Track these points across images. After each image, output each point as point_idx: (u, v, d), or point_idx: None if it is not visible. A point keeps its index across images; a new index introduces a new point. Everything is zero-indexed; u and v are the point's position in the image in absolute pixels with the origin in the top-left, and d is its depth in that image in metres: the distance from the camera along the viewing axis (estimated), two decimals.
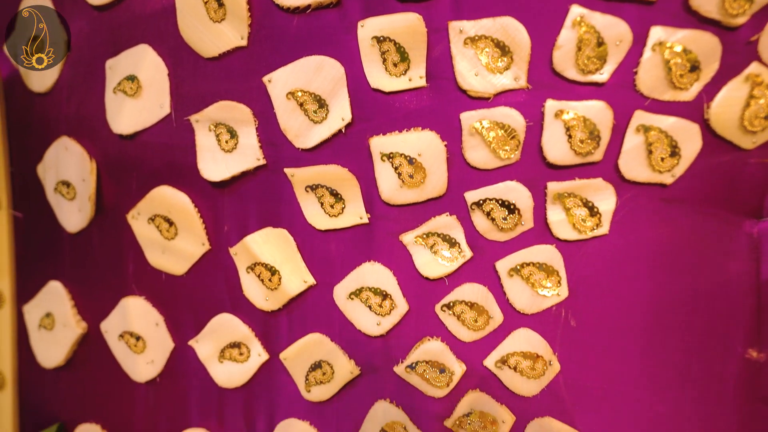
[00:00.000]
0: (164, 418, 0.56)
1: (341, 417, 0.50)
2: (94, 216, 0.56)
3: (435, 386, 0.45)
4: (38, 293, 0.61)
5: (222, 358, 0.53)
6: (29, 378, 0.63)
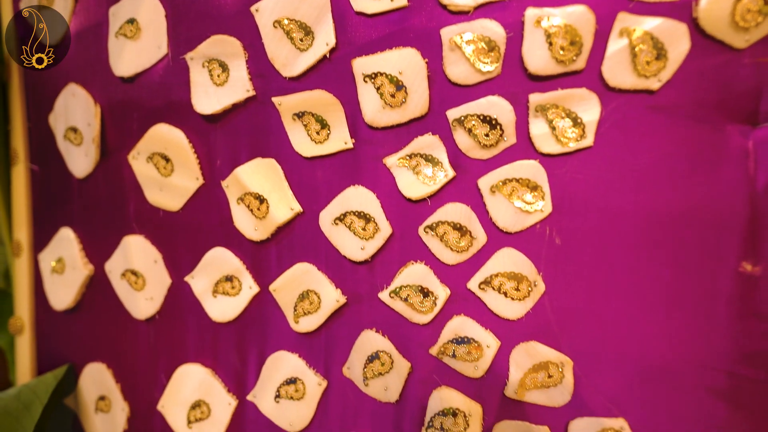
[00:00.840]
0: (163, 354, 0.58)
1: (329, 348, 0.50)
2: (99, 159, 0.59)
3: (419, 311, 0.45)
4: (51, 240, 0.64)
5: (215, 292, 0.54)
6: (43, 323, 0.66)
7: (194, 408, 0.57)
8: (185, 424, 0.57)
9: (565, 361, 0.41)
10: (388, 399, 0.47)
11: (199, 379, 0.56)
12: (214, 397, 0.56)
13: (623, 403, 0.40)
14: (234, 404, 0.55)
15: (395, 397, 0.47)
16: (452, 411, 0.45)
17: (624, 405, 0.40)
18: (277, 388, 0.52)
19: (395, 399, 0.47)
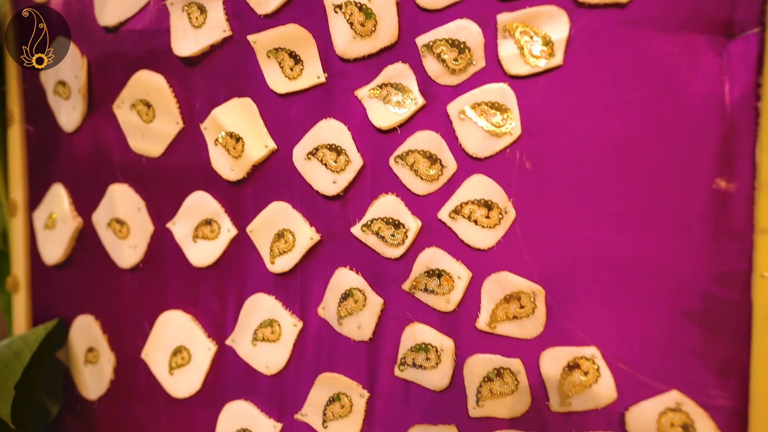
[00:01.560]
0: (147, 303, 0.59)
1: (304, 289, 0.50)
2: (87, 112, 0.60)
3: (391, 245, 0.45)
4: (44, 198, 0.65)
5: (195, 237, 0.55)
6: (38, 281, 0.67)
7: (175, 354, 0.57)
8: (167, 370, 0.57)
9: (537, 291, 0.41)
10: (361, 338, 0.47)
11: (180, 325, 0.57)
12: (194, 342, 0.56)
13: (595, 330, 0.39)
14: (213, 349, 0.55)
15: (368, 335, 0.47)
16: (424, 346, 0.44)
17: (596, 333, 0.39)
18: (254, 331, 0.52)
19: (368, 337, 0.47)
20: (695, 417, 0.37)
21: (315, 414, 0.50)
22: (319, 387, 0.50)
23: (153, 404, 0.60)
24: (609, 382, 0.39)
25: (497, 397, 0.42)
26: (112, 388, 0.62)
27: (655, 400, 0.38)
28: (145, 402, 0.60)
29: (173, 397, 0.57)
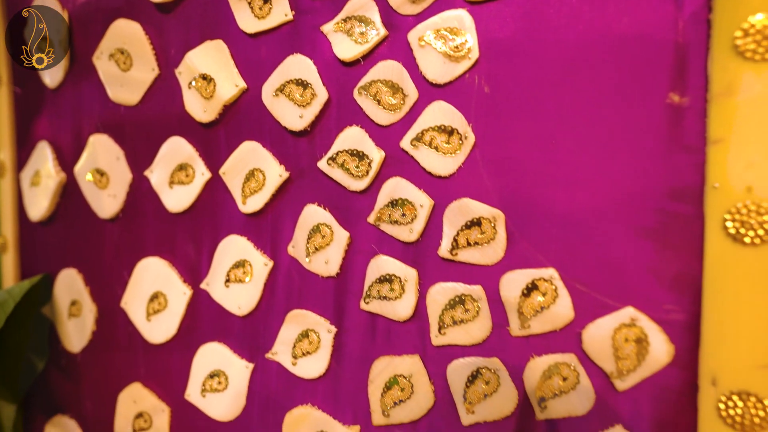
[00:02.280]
0: (126, 252, 0.60)
1: (275, 228, 0.51)
2: (69, 67, 0.61)
3: (355, 177, 0.45)
4: (30, 157, 0.67)
5: (171, 183, 0.56)
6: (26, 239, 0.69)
7: (152, 300, 0.58)
8: (144, 317, 0.58)
9: (497, 216, 0.41)
10: (329, 273, 0.48)
11: (157, 272, 0.58)
12: (170, 288, 0.57)
13: (553, 252, 0.39)
14: (189, 294, 0.56)
15: (335, 270, 0.47)
16: (388, 277, 0.45)
17: (554, 254, 0.39)
18: (226, 273, 0.53)
19: (336, 272, 0.47)
20: (649, 331, 0.37)
21: (285, 352, 0.50)
22: (289, 325, 0.50)
23: (132, 352, 0.61)
24: (566, 302, 0.39)
25: (459, 324, 0.42)
26: (94, 339, 0.64)
27: (611, 317, 0.38)
28: (124, 350, 0.61)
29: (151, 343, 0.58)
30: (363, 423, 0.47)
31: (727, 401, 0.35)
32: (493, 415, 0.41)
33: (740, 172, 0.34)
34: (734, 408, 0.34)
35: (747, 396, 0.34)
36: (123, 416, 0.61)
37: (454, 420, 0.43)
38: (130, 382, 0.60)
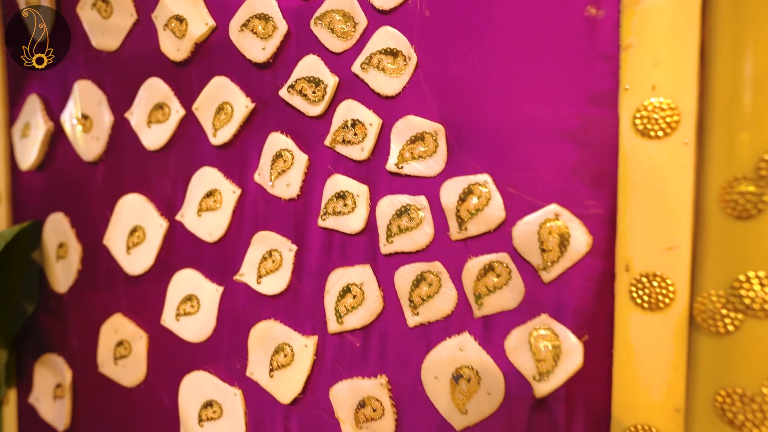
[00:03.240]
0: (109, 192, 0.64)
1: (243, 158, 0.55)
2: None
3: (312, 102, 0.49)
4: (21, 112, 0.71)
5: (149, 122, 0.60)
6: (19, 191, 0.73)
7: (132, 234, 0.62)
8: (125, 250, 0.62)
9: (438, 129, 0.44)
10: (290, 195, 0.51)
11: (136, 206, 0.62)
12: (148, 221, 0.61)
13: (487, 159, 0.43)
14: (165, 225, 0.60)
15: (296, 192, 0.51)
16: (342, 194, 0.48)
17: (488, 161, 0.43)
18: (198, 202, 0.57)
19: (296, 194, 0.51)
20: (570, 224, 0.40)
21: (251, 273, 0.54)
22: (254, 246, 0.54)
23: (113, 286, 0.65)
24: (499, 204, 0.42)
25: (404, 232, 0.46)
26: (79, 278, 0.68)
27: (537, 214, 0.41)
28: (106, 286, 0.65)
29: (130, 275, 0.62)
30: (320, 333, 0.50)
31: (637, 284, 0.38)
32: (435, 315, 0.45)
33: (647, 73, 0.37)
34: (643, 289, 0.38)
35: (654, 276, 0.37)
36: (105, 346, 0.65)
37: (401, 323, 0.46)
38: (112, 314, 0.64)
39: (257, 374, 0.54)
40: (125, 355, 0.64)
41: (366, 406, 0.48)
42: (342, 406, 0.49)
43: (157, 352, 0.61)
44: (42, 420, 0.72)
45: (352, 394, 0.48)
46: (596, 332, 0.40)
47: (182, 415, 0.59)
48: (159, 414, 0.61)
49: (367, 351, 0.48)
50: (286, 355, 0.52)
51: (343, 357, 0.49)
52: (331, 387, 0.49)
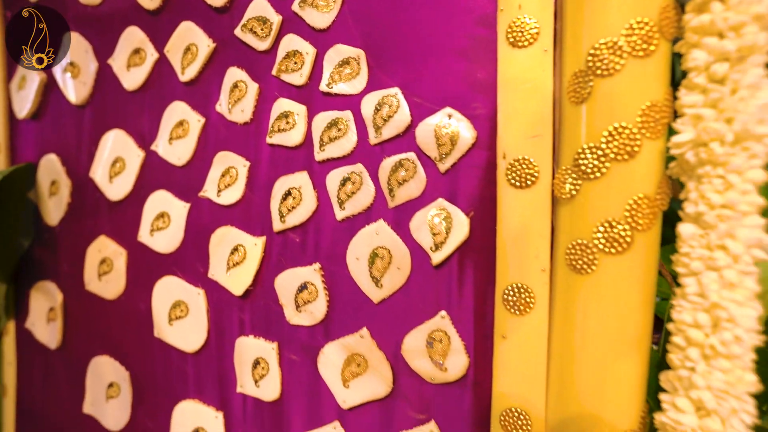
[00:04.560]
0: (95, 132, 0.74)
1: (206, 91, 0.65)
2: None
3: (261, 38, 0.58)
4: (18, 68, 0.81)
5: (128, 66, 0.69)
6: (15, 138, 0.83)
7: (113, 165, 0.72)
8: (107, 180, 0.72)
9: (360, 54, 0.54)
10: (244, 120, 0.61)
11: (117, 140, 0.72)
12: (128, 152, 0.71)
13: (399, 76, 0.52)
14: (142, 155, 0.70)
15: (249, 116, 0.61)
16: (285, 113, 0.58)
17: (399, 77, 0.52)
18: (169, 132, 0.66)
19: (249, 118, 0.61)
20: (460, 123, 0.49)
21: (212, 189, 0.63)
22: (215, 166, 0.63)
23: (98, 213, 0.74)
24: (406, 111, 0.51)
25: (333, 141, 0.55)
26: (69, 210, 0.78)
27: (435, 116, 0.50)
28: (92, 213, 0.75)
29: (112, 201, 0.72)
30: (268, 233, 0.60)
31: (511, 167, 0.47)
32: (358, 208, 0.54)
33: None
34: (516, 171, 0.46)
35: (523, 160, 0.46)
36: (90, 265, 0.75)
37: (331, 218, 0.55)
38: (97, 237, 0.74)
39: (217, 274, 0.63)
40: (108, 271, 0.73)
41: (303, 291, 0.57)
42: (284, 292, 0.58)
43: (134, 266, 0.71)
44: (37, 342, 0.81)
45: (292, 281, 0.57)
46: (482, 210, 0.49)
47: (155, 317, 0.68)
48: (136, 320, 0.71)
49: (305, 244, 0.57)
50: (240, 254, 0.61)
51: (286, 251, 0.58)
52: (276, 277, 0.58)
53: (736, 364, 0.38)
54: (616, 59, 0.41)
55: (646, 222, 0.42)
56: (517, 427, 0.49)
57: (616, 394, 0.44)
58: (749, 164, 0.37)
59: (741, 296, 0.37)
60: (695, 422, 0.39)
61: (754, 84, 0.36)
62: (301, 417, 0.61)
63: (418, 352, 0.52)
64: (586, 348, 0.45)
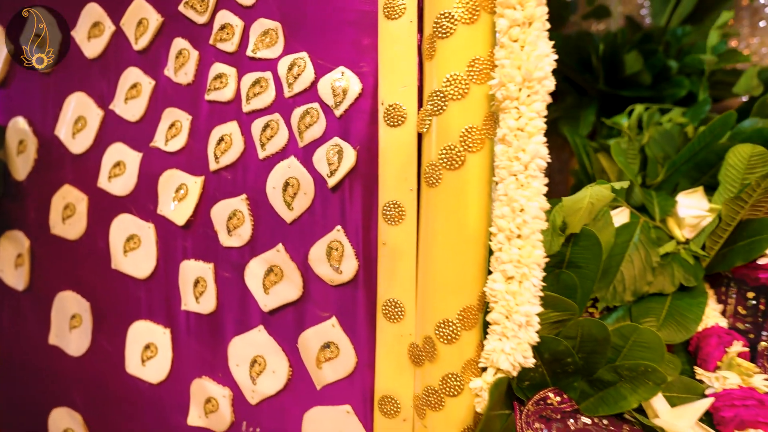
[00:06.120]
0: (60, 95, 0.86)
1: (156, 58, 0.79)
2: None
3: (200, 13, 0.74)
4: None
5: (89, 38, 0.83)
6: None
7: (76, 123, 0.85)
8: (71, 136, 0.85)
9: (278, 26, 0.70)
10: (188, 81, 0.76)
11: (79, 102, 0.86)
12: (88, 111, 0.84)
13: (307, 43, 0.68)
14: (101, 114, 0.84)
15: (191, 78, 0.76)
16: (220, 75, 0.72)
17: (307, 44, 0.68)
18: (125, 93, 0.80)
19: (191, 79, 0.76)
20: (350, 79, 0.64)
21: (161, 140, 0.78)
22: (164, 120, 0.79)
23: (62, 166, 0.87)
24: (311, 70, 0.67)
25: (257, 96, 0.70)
26: (36, 165, 0.90)
27: (332, 73, 0.66)
28: (57, 167, 0.88)
29: (75, 154, 0.84)
30: (206, 173, 0.73)
31: (387, 112, 0.62)
32: (275, 149, 0.69)
33: None
34: (391, 115, 0.62)
35: (396, 106, 0.61)
36: (55, 211, 0.87)
37: (255, 158, 0.70)
38: (61, 186, 0.85)
39: (164, 210, 0.76)
40: (71, 215, 0.85)
41: (233, 218, 0.70)
42: (218, 220, 0.72)
43: (94, 209, 0.83)
44: (6, 286, 0.92)
45: (224, 210, 0.72)
46: (367, 144, 0.64)
47: (112, 251, 0.81)
48: (96, 258, 0.83)
49: (235, 180, 0.71)
50: (183, 191, 0.74)
51: (220, 186, 0.72)
52: (211, 208, 0.72)
53: (527, 242, 0.53)
54: (450, 25, 0.56)
55: (476, 145, 0.57)
56: (394, 314, 0.63)
57: (461, 277, 0.60)
58: (532, 99, 0.52)
59: (530, 193, 0.53)
60: (503, 287, 0.55)
61: (534, 41, 0.51)
62: (233, 324, 0.74)
63: (321, 260, 0.67)
64: (438, 245, 0.60)
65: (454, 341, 0.60)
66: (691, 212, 0.77)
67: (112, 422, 0.86)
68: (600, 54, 1.28)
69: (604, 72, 1.27)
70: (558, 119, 1.36)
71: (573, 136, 1.19)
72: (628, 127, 1.11)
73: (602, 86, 1.26)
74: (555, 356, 0.62)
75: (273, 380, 0.72)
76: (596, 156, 1.03)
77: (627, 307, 0.74)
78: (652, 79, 1.27)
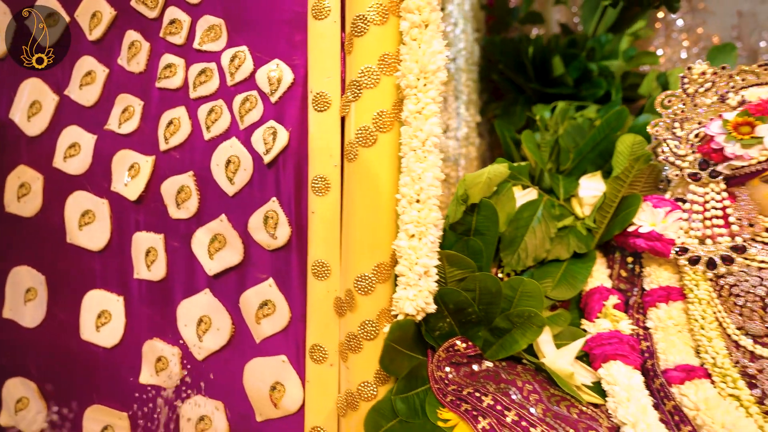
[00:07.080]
0: (14, 81, 0.93)
1: (110, 48, 0.88)
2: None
3: (151, 9, 0.83)
4: None
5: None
6: None
7: (31, 107, 0.93)
8: (26, 119, 0.93)
9: (222, 23, 0.80)
10: (140, 70, 0.85)
11: (33, 87, 0.93)
12: (43, 96, 0.93)
13: (247, 38, 0.78)
14: (57, 99, 0.92)
15: (143, 67, 0.85)
16: (170, 65, 0.81)
17: (247, 39, 0.78)
18: (80, 80, 0.88)
19: (143, 68, 0.85)
20: (284, 70, 0.76)
21: (114, 123, 0.87)
22: (117, 105, 0.89)
23: (18, 149, 0.94)
24: (250, 61, 0.78)
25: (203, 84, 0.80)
26: None
27: (268, 65, 0.77)
28: (13, 149, 0.95)
29: (30, 137, 0.91)
30: (156, 153, 0.82)
31: (315, 99, 0.73)
32: (219, 130, 0.80)
33: None
34: (318, 101, 0.72)
35: (322, 94, 0.72)
36: (10, 190, 0.94)
37: (201, 139, 0.81)
38: (16, 166, 0.92)
39: (118, 187, 0.85)
40: (26, 193, 0.92)
41: (181, 192, 0.80)
42: (167, 195, 0.82)
43: (49, 188, 0.91)
44: None
45: (173, 186, 0.82)
46: (299, 127, 0.75)
47: (68, 226, 0.88)
48: (51, 233, 0.91)
49: (183, 158, 0.81)
50: (135, 169, 0.83)
51: (169, 165, 0.82)
52: (161, 185, 0.81)
53: (425, 206, 0.66)
54: (364, 26, 0.68)
55: (386, 127, 0.69)
56: (322, 273, 0.74)
57: (375, 237, 0.72)
58: (428, 87, 0.65)
59: (426, 165, 0.65)
60: (407, 244, 0.66)
61: (429, 40, 0.64)
62: (181, 289, 0.83)
63: (259, 227, 0.77)
64: (357, 211, 0.72)
65: (370, 293, 0.71)
66: (590, 193, 0.93)
67: (66, 387, 0.93)
68: (530, 57, 1.44)
69: (534, 73, 1.43)
70: (497, 116, 1.52)
71: (501, 128, 1.34)
72: (551, 121, 1.27)
73: (534, 85, 1.42)
74: (458, 306, 0.74)
75: (217, 337, 0.81)
76: (522, 146, 1.18)
77: (531, 272, 0.89)
78: (576, 80, 1.44)
